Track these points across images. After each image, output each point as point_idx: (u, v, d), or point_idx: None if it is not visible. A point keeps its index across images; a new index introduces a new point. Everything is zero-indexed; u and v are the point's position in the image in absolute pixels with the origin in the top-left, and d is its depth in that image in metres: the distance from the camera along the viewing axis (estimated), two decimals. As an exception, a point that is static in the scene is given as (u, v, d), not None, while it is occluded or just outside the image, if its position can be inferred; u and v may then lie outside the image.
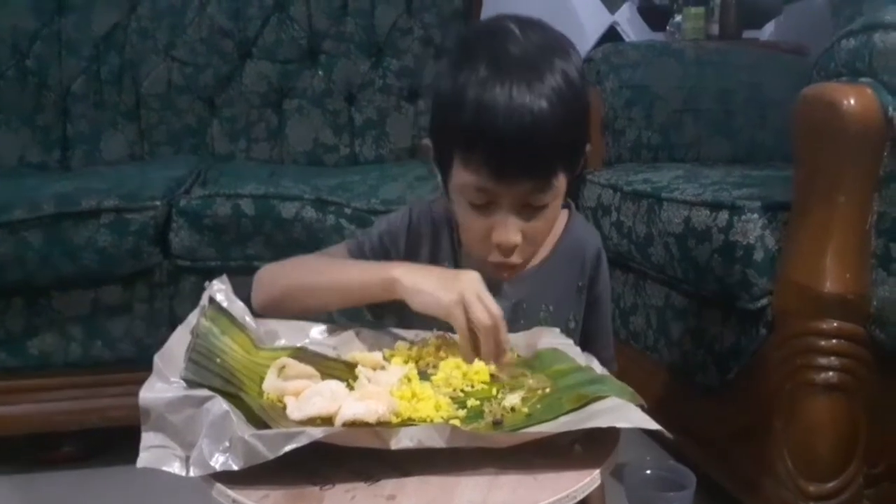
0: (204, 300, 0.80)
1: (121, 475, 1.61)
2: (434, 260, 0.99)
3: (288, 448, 0.59)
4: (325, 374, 0.75)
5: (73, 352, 1.63)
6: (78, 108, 2.15)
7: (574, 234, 1.03)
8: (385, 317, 0.97)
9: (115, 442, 1.67)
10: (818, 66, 1.21)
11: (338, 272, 0.93)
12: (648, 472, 1.10)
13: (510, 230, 0.86)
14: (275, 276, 0.96)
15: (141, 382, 0.67)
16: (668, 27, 3.08)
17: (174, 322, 1.60)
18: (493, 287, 0.86)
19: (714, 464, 1.36)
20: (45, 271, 1.55)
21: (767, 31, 3.12)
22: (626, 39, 3.02)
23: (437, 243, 1.01)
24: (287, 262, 0.99)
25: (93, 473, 1.68)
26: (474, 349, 0.82)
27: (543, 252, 0.99)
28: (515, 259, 0.89)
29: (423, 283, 0.84)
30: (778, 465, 1.18)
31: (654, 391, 1.50)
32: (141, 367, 1.56)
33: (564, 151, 0.85)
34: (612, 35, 3.05)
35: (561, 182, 0.87)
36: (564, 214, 1.02)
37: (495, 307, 0.82)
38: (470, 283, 0.83)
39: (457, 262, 1.01)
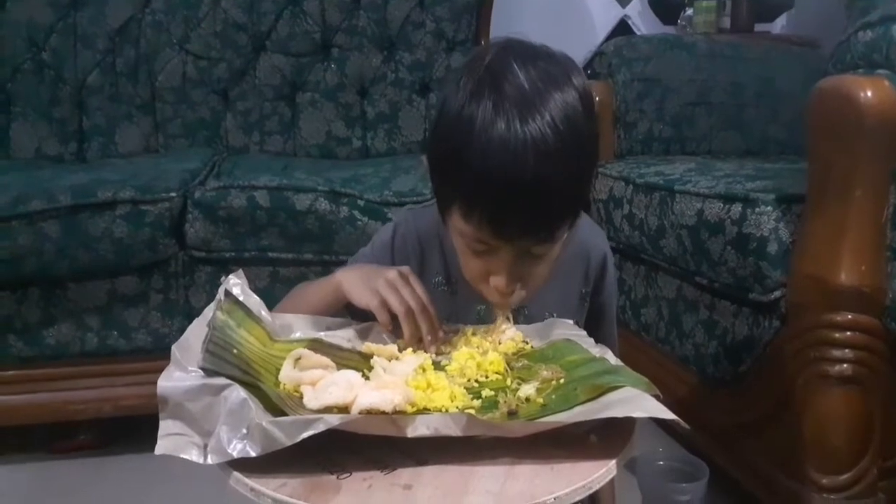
0: (220, 294, 0.80)
1: (136, 464, 1.62)
2: (423, 277, 0.96)
3: (305, 435, 0.59)
4: (341, 365, 0.76)
5: (89, 341, 1.64)
6: (93, 101, 2.17)
7: (579, 239, 0.99)
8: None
9: (131, 431, 1.68)
10: (834, 58, 1.21)
11: (309, 295, 0.95)
12: (661, 462, 1.10)
13: (507, 279, 0.83)
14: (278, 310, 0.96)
15: (156, 372, 0.67)
16: (679, 20, 3.06)
17: (189, 312, 1.64)
18: None
19: (726, 456, 1.36)
20: (62, 262, 1.57)
21: (779, 25, 3.11)
22: (638, 33, 3.02)
23: (426, 260, 1.00)
24: (288, 296, 1.00)
25: (108, 462, 1.69)
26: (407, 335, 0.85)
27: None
28: (513, 300, 0.87)
29: (353, 281, 0.89)
30: (791, 457, 1.18)
31: (665, 383, 1.49)
32: (156, 356, 1.59)
33: (567, 205, 0.81)
34: (623, 28, 3.05)
35: (563, 230, 0.83)
36: None
37: (413, 295, 0.85)
38: (387, 277, 0.86)
39: (448, 276, 1.00)
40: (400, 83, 2.32)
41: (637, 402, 0.66)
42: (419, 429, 0.64)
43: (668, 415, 0.65)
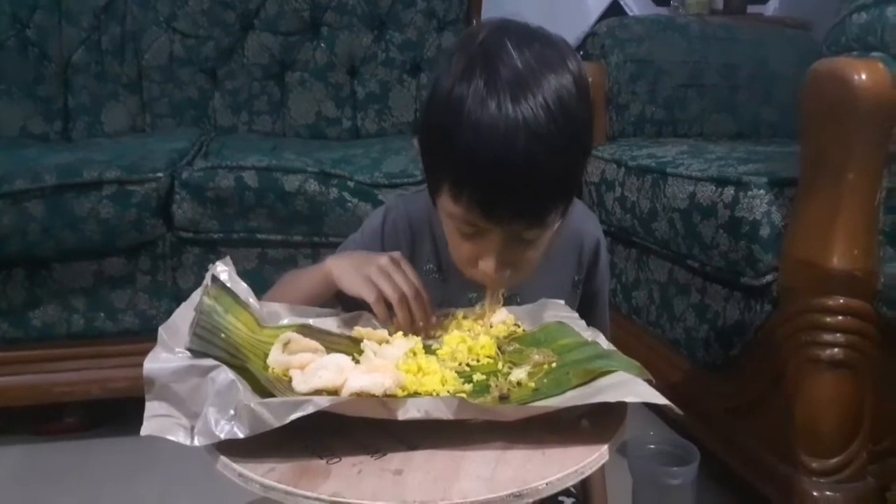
0: (207, 280, 0.79)
1: (123, 446, 1.62)
2: (414, 263, 0.94)
3: (294, 416, 0.59)
4: (330, 349, 0.75)
5: (75, 323, 1.63)
6: (79, 80, 2.14)
7: (572, 226, 0.98)
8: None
9: (118, 413, 1.67)
10: (828, 40, 1.20)
11: (297, 284, 0.94)
12: (652, 446, 1.10)
13: (497, 264, 0.81)
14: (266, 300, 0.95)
15: (143, 354, 0.66)
16: (671, 2, 3.05)
17: (177, 294, 1.62)
18: None
19: (717, 439, 1.36)
20: (47, 243, 1.55)
21: (772, 7, 3.11)
22: (630, 14, 3.01)
23: (417, 246, 0.99)
24: (276, 286, 0.98)
25: (95, 444, 1.68)
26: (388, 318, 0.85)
27: None
28: (503, 284, 0.86)
29: (344, 269, 0.88)
30: (781, 440, 1.18)
31: (656, 367, 1.50)
32: (144, 338, 1.58)
33: (559, 189, 0.80)
34: (615, 9, 3.04)
35: (554, 215, 0.81)
36: None
37: (406, 282, 0.84)
38: (379, 263, 0.85)
39: (439, 263, 0.99)
40: (390, 63, 2.29)
41: (629, 386, 0.65)
42: (410, 411, 0.63)
43: (660, 399, 0.64)
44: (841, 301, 1.10)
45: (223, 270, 0.81)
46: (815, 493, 1.13)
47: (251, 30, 2.24)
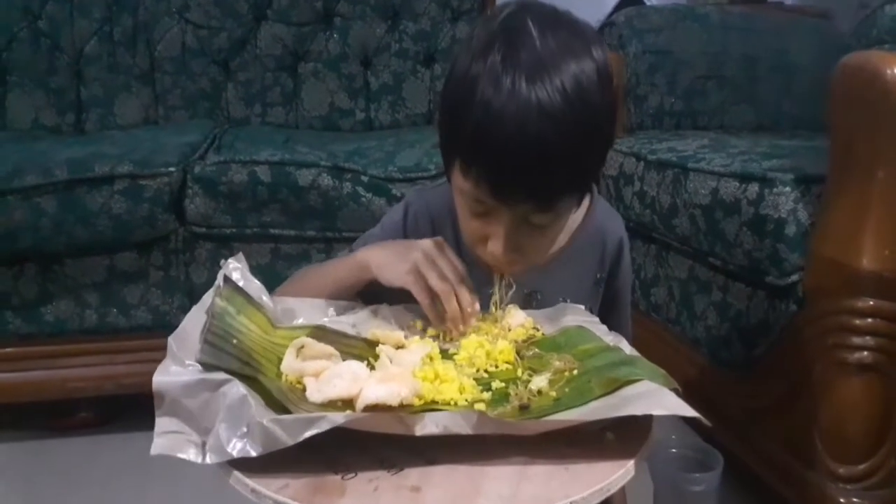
0: (219, 279, 0.77)
1: (135, 442, 1.60)
2: None
3: (308, 434, 0.57)
4: (345, 353, 0.73)
5: (88, 318, 1.62)
6: (91, 71, 2.13)
7: (595, 222, 0.98)
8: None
9: (130, 408, 1.67)
10: (858, 33, 1.16)
11: (324, 275, 0.92)
12: (674, 450, 1.08)
13: (503, 246, 0.80)
14: (284, 292, 0.93)
15: (156, 349, 0.65)
16: (690, -10, 3.01)
17: (190, 289, 1.61)
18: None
19: (738, 442, 1.33)
20: (59, 238, 1.54)
21: (791, -5, 3.05)
22: (647, 3, 2.96)
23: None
24: (293, 278, 0.97)
25: (107, 440, 1.68)
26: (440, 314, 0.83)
27: (562, 240, 0.94)
28: (510, 268, 0.85)
29: (384, 258, 0.86)
30: (806, 445, 1.15)
31: (676, 366, 1.45)
32: (156, 334, 1.57)
33: (571, 176, 0.78)
34: (632, -2, 3.00)
35: (567, 203, 0.81)
36: (586, 199, 0.95)
37: (452, 269, 0.83)
38: (424, 249, 0.84)
39: (460, 254, 0.97)
40: (404, 53, 2.26)
41: (656, 398, 0.63)
42: (428, 426, 0.61)
43: (689, 412, 0.62)
44: (870, 303, 1.07)
45: (235, 268, 0.79)
46: (841, 500, 1.10)
47: (264, 20, 2.21)
